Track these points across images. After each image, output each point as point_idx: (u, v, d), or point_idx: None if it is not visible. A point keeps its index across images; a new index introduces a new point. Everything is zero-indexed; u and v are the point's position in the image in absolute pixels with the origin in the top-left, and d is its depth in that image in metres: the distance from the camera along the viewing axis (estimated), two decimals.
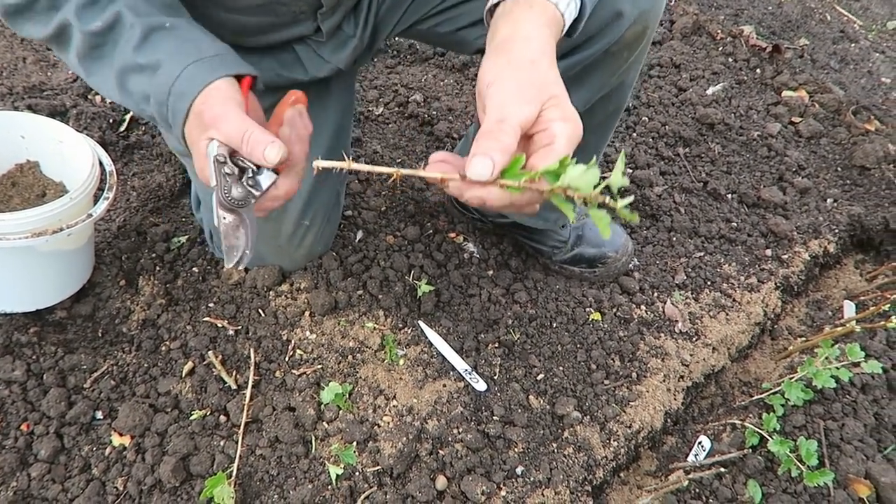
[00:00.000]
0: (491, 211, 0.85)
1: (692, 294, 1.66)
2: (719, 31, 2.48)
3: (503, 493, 1.26)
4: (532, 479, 1.29)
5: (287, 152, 0.88)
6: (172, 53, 0.90)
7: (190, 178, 1.65)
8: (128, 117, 1.89)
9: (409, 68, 2.27)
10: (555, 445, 1.36)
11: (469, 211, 1.72)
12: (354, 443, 1.29)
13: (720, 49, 2.42)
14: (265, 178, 0.92)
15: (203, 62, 0.89)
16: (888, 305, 1.51)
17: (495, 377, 1.44)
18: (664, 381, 1.48)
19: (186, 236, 1.60)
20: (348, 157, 0.87)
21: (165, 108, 0.90)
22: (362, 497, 1.22)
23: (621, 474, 1.43)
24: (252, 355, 1.39)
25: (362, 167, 0.88)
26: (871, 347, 1.54)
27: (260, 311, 1.47)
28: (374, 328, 1.46)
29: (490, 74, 0.84)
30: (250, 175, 0.91)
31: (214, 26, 1.14)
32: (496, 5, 0.91)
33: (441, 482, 1.26)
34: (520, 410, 1.38)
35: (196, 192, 1.59)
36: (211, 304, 1.48)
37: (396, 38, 2.29)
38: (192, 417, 1.30)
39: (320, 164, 0.88)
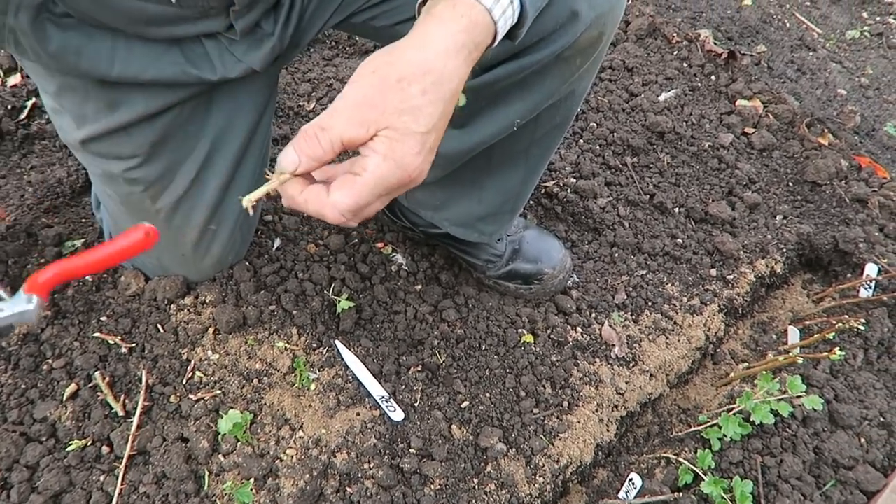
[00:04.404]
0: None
1: (632, 315, 1.56)
2: (675, 35, 2.39)
3: None
4: None
5: None
6: None
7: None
8: (29, 104, 1.72)
9: (347, 61, 2.13)
10: (475, 481, 1.25)
11: (400, 219, 1.60)
12: (252, 479, 1.16)
13: (675, 53, 2.33)
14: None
15: None
16: (832, 334, 1.44)
17: (416, 404, 1.32)
18: (597, 410, 1.39)
19: (83, 239, 1.45)
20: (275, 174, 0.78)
21: None
22: None
23: None
24: (144, 377, 1.26)
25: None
26: (814, 377, 1.46)
27: (159, 326, 1.33)
28: (285, 348, 1.33)
29: (358, 71, 0.75)
30: None
31: (110, 13, 0.99)
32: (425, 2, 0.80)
33: None
34: (440, 442, 1.27)
35: (96, 192, 1.45)
36: (103, 318, 1.34)
37: (332, 30, 2.15)
38: (69, 448, 1.16)
39: (249, 199, 0.79)
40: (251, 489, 1.15)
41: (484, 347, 1.44)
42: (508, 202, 1.42)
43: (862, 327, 1.38)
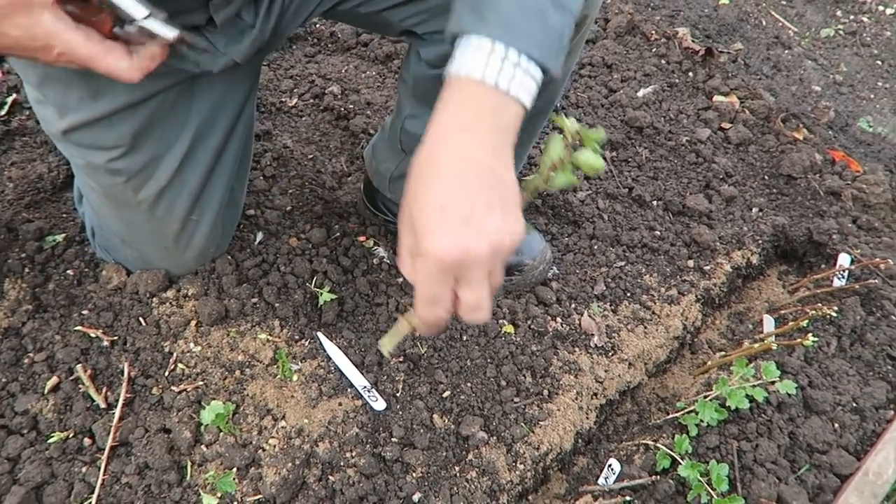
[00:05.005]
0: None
1: (610, 306, 1.59)
2: (654, 32, 2.42)
3: None
4: None
5: None
6: None
7: (73, 171, 1.49)
8: (9, 100, 1.71)
9: (329, 58, 2.14)
10: (457, 469, 1.27)
11: (382, 212, 1.61)
12: (234, 469, 1.17)
13: (653, 50, 2.37)
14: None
15: None
16: (807, 321, 1.47)
17: (397, 394, 1.34)
18: (577, 398, 1.41)
19: (63, 234, 1.45)
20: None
21: None
22: None
23: (529, 497, 1.35)
24: (126, 370, 1.26)
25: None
26: (789, 364, 1.49)
27: (141, 319, 1.34)
28: (268, 340, 1.34)
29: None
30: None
31: None
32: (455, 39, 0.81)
33: None
34: (422, 431, 1.29)
35: (78, 186, 1.45)
36: (85, 312, 1.34)
37: (315, 23, 2.17)
38: (50, 440, 1.17)
39: (388, 346, 0.90)
40: (234, 478, 1.16)
41: (465, 338, 1.46)
42: None
43: (834, 314, 1.40)
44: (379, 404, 1.29)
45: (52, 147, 1.65)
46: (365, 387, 1.30)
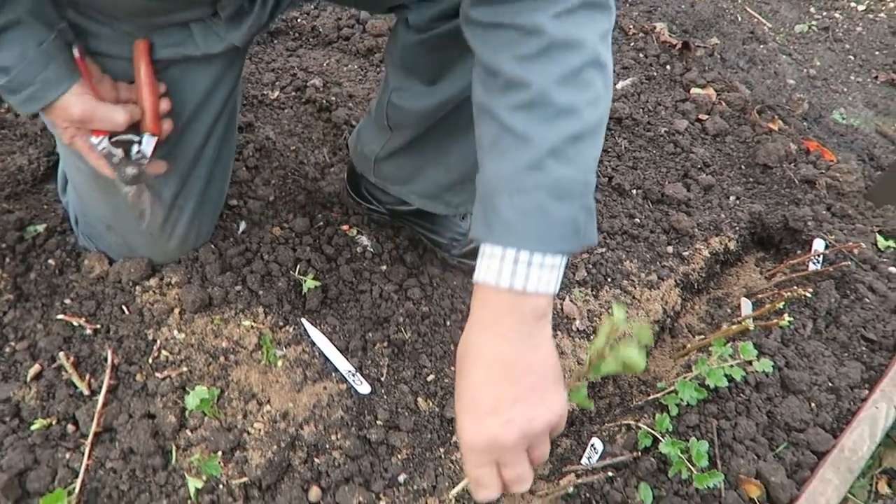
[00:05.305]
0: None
1: (592, 291, 1.61)
2: (632, 27, 2.46)
3: (382, 503, 1.18)
4: (415, 487, 1.21)
5: (136, 109, 1.04)
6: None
7: (58, 159, 1.48)
8: None
9: (310, 52, 2.14)
10: (442, 450, 1.28)
11: (367, 200, 1.62)
12: (220, 452, 1.18)
13: (632, 44, 2.40)
14: (147, 144, 1.07)
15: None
16: (783, 303, 1.50)
17: (382, 379, 1.35)
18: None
19: (45, 225, 1.44)
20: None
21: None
22: None
23: None
24: (110, 357, 1.26)
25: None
26: (766, 345, 1.52)
27: (123, 307, 1.34)
28: (252, 326, 1.35)
29: None
30: (136, 150, 1.07)
31: (99, 7, 1.02)
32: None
33: (315, 493, 1.16)
34: (406, 414, 1.30)
35: (63, 172, 1.44)
36: (67, 301, 1.34)
37: (297, 17, 2.17)
38: (33, 427, 1.16)
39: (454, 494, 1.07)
40: (219, 462, 1.16)
41: (448, 323, 1.47)
42: (475, 168, 1.44)
43: (809, 296, 1.43)
44: (364, 388, 1.30)
45: (31, 139, 1.64)
46: (350, 371, 1.31)
